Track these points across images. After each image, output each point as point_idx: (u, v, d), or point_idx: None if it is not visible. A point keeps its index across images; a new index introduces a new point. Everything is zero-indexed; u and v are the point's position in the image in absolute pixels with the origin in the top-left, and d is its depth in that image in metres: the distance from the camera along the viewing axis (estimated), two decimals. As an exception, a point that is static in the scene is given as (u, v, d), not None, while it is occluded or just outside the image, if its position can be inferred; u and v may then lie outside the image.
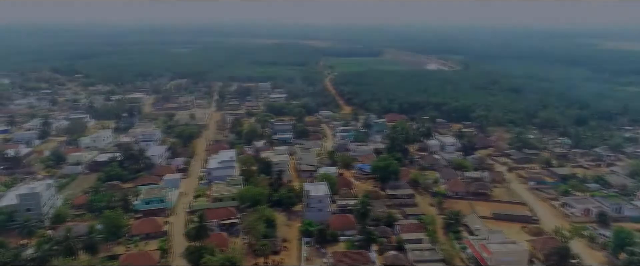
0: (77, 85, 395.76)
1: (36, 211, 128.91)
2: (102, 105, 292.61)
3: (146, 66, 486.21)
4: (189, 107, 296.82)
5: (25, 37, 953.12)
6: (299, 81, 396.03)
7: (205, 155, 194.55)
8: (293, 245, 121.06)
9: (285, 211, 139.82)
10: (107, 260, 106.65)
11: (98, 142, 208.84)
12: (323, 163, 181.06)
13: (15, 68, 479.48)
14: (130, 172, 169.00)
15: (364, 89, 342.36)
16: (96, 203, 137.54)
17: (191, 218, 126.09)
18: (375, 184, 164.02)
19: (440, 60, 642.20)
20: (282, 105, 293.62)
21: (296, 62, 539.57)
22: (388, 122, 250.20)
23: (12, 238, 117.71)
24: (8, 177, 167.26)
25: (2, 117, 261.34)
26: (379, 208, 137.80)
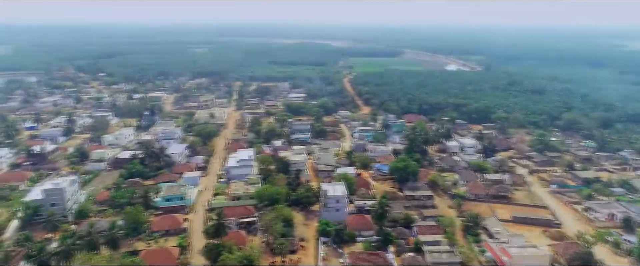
0: (100, 83, 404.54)
1: (61, 206, 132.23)
2: (124, 104, 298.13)
3: (167, 65, 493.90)
4: (208, 106, 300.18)
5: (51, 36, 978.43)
6: (318, 81, 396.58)
7: (225, 153, 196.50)
8: (310, 245, 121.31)
9: (303, 211, 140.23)
10: (128, 255, 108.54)
11: (120, 140, 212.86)
12: (341, 163, 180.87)
13: (42, 67, 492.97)
14: (151, 169, 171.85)
15: (383, 89, 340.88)
16: (118, 200, 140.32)
17: (210, 215, 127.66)
18: (393, 185, 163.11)
19: (460, 60, 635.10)
20: (300, 105, 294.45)
21: (315, 62, 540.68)
22: (407, 123, 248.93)
23: (38, 232, 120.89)
24: (34, 172, 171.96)
25: (29, 114, 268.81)
26: (397, 209, 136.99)
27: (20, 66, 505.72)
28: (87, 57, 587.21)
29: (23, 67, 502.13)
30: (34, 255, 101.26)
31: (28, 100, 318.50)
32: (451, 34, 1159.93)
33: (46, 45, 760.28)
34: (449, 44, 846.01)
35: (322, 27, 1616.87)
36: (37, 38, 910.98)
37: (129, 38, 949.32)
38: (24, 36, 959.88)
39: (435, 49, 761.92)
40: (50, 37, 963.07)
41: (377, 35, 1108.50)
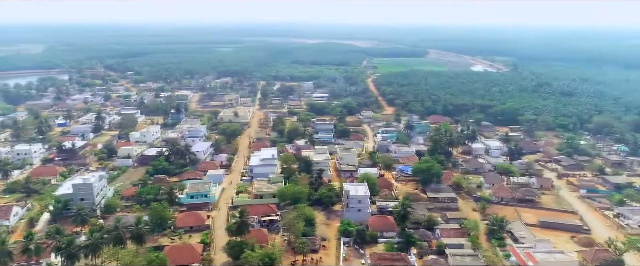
0: (128, 82, 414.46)
1: (89, 200, 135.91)
2: (151, 102, 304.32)
3: (193, 64, 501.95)
4: (233, 105, 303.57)
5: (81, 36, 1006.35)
6: (341, 81, 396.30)
7: (248, 152, 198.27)
8: (332, 245, 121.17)
9: (325, 211, 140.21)
10: (152, 250, 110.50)
11: (147, 137, 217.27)
12: (363, 164, 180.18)
13: (73, 65, 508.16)
14: (176, 166, 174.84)
15: (407, 90, 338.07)
16: (144, 196, 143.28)
17: (233, 213, 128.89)
18: (416, 186, 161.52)
19: (486, 61, 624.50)
20: (324, 105, 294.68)
21: (339, 62, 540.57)
22: (431, 124, 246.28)
23: (67, 225, 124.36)
24: (65, 167, 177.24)
25: (61, 111, 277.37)
26: (420, 211, 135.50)
27: (53, 64, 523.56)
28: (116, 56, 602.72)
29: (55, 65, 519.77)
30: (63, 247, 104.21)
31: (60, 97, 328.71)
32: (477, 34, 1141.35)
33: (76, 44, 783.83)
34: (474, 44, 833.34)
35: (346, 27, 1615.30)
36: (68, 37, 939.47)
37: (156, 37, 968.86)
38: (56, 35, 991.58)
39: (461, 50, 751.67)
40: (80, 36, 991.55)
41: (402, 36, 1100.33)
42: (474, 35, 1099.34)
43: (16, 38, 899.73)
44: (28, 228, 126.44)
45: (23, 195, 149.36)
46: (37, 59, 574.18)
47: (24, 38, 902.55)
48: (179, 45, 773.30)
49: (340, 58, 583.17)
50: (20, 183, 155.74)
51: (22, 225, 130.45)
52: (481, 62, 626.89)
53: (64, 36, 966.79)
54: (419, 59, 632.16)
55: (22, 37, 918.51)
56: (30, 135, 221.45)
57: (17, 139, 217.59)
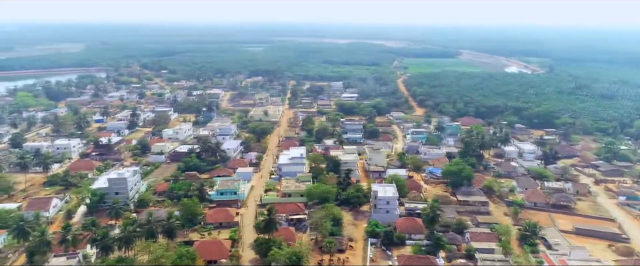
0: (162, 80, 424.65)
1: (123, 195, 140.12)
2: (184, 100, 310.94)
3: (225, 63, 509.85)
4: (263, 104, 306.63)
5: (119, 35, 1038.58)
6: (372, 81, 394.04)
7: (277, 151, 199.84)
8: (359, 245, 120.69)
9: (352, 211, 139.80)
10: (183, 244, 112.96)
11: (179, 134, 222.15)
12: (392, 165, 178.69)
13: (110, 64, 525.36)
14: (207, 163, 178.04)
15: (438, 91, 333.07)
16: (176, 191, 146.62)
17: (261, 211, 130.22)
18: (446, 189, 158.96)
19: (521, 62, 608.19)
20: (353, 105, 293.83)
21: (369, 62, 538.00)
22: (462, 126, 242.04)
23: (102, 218, 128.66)
24: (101, 162, 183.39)
25: (98, 108, 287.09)
26: (449, 214, 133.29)
27: (92, 63, 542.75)
28: (151, 54, 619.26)
29: (94, 63, 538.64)
30: (98, 239, 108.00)
31: (98, 94, 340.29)
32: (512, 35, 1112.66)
33: (114, 43, 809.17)
34: (509, 45, 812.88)
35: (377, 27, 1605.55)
36: (106, 36, 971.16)
37: (190, 37, 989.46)
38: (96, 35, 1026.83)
39: (495, 50, 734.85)
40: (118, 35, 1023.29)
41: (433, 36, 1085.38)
42: (508, 36, 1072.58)
43: (58, 37, 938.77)
44: (66, 219, 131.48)
45: (62, 188, 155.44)
46: (77, 57, 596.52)
47: (66, 37, 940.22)
48: (212, 45, 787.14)
49: (370, 58, 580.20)
50: (60, 177, 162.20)
51: (60, 217, 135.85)
52: (516, 63, 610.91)
53: (102, 35, 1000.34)
54: (451, 60, 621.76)
55: (64, 36, 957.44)
56: (69, 131, 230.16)
57: (57, 134, 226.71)
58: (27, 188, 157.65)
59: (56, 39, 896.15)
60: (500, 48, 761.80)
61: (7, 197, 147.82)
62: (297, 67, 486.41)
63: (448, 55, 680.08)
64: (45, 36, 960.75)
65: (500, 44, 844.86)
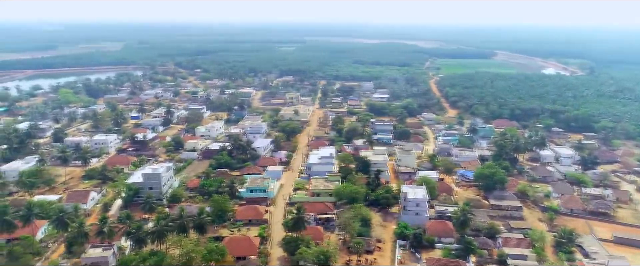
0: (196, 78, 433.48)
1: (157, 190, 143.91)
2: (216, 98, 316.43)
3: (256, 63, 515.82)
4: (293, 103, 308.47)
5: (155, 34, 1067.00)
6: (403, 81, 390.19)
7: (307, 150, 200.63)
8: (387, 247, 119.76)
9: (381, 212, 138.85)
10: (212, 240, 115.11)
11: (211, 132, 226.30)
12: (423, 167, 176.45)
13: (147, 62, 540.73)
14: (238, 161, 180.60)
15: (471, 92, 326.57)
16: (207, 188, 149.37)
17: (290, 209, 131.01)
18: (478, 192, 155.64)
19: (559, 64, 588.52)
20: (384, 105, 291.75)
21: (401, 63, 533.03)
22: (496, 128, 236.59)
23: (137, 212, 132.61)
24: (137, 157, 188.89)
25: (135, 105, 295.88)
26: (481, 218, 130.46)
27: (129, 61, 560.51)
28: (186, 53, 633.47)
29: (131, 62, 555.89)
30: (133, 232, 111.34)
31: (134, 92, 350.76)
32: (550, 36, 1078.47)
33: (151, 42, 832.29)
34: (547, 46, 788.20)
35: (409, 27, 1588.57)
36: (143, 36, 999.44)
37: (223, 36, 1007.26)
38: (133, 34, 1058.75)
39: (532, 51, 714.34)
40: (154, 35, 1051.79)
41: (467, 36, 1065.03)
42: (546, 37, 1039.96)
43: (99, 36, 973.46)
44: (103, 212, 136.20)
45: (99, 182, 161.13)
46: (115, 55, 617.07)
47: (106, 36, 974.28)
48: (245, 44, 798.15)
49: (402, 58, 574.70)
50: (97, 171, 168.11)
51: (97, 209, 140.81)
52: (554, 64, 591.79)
53: (140, 35, 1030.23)
54: (485, 61, 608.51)
55: (104, 36, 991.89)
56: (107, 127, 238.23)
57: (95, 129, 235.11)
58: (67, 181, 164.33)
59: (97, 38, 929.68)
60: (537, 49, 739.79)
61: (48, 189, 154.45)
62: (327, 67, 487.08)
63: (482, 56, 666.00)
64: (87, 35, 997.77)
65: (538, 44, 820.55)
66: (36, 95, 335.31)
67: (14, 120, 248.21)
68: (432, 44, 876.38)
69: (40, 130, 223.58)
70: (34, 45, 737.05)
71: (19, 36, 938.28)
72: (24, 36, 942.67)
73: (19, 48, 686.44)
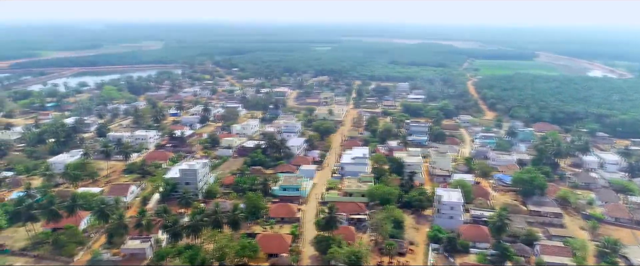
0: (233, 77, 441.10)
1: (193, 185, 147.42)
2: (252, 97, 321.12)
3: (292, 62, 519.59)
4: (328, 103, 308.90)
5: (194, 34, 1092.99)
6: (439, 82, 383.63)
7: (340, 150, 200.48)
8: (419, 249, 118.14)
9: (414, 214, 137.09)
10: (246, 236, 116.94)
11: (247, 130, 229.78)
12: (458, 170, 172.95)
13: (186, 61, 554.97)
14: (272, 159, 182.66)
15: (510, 94, 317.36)
16: (241, 185, 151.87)
17: (322, 208, 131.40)
18: (515, 198, 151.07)
19: (607, 66, 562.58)
20: (419, 106, 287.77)
21: (437, 63, 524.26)
22: (536, 132, 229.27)
23: (173, 206, 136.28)
24: (174, 153, 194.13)
25: (174, 102, 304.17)
26: (518, 224, 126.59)
27: (169, 60, 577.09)
28: (223, 53, 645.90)
29: (171, 60, 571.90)
30: (169, 225, 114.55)
31: (173, 89, 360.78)
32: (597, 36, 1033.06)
33: (190, 41, 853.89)
34: (593, 47, 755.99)
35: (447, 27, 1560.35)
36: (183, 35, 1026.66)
37: (260, 36, 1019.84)
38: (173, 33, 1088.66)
39: (576, 53, 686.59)
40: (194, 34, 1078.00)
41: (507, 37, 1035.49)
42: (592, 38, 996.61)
43: (140, 36, 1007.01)
44: (141, 205, 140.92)
45: (139, 176, 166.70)
46: (156, 54, 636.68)
47: (147, 35, 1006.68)
48: (281, 44, 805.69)
49: (439, 59, 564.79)
50: (137, 165, 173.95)
51: (136, 202, 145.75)
52: (600, 66, 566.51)
53: (179, 34, 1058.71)
54: (526, 62, 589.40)
55: (145, 35, 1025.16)
56: (147, 123, 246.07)
57: (136, 125, 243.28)
58: (109, 175, 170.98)
59: (138, 37, 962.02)
60: (582, 50, 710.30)
61: (92, 182, 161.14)
62: (362, 67, 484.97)
63: (523, 57, 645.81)
64: (129, 35, 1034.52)
65: (583, 45, 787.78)
66: (82, 92, 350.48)
67: (61, 115, 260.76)
68: (470, 44, 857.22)
69: (85, 125, 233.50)
70: (81, 44, 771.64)
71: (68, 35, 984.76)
72: (72, 35, 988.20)
73: (67, 46, 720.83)
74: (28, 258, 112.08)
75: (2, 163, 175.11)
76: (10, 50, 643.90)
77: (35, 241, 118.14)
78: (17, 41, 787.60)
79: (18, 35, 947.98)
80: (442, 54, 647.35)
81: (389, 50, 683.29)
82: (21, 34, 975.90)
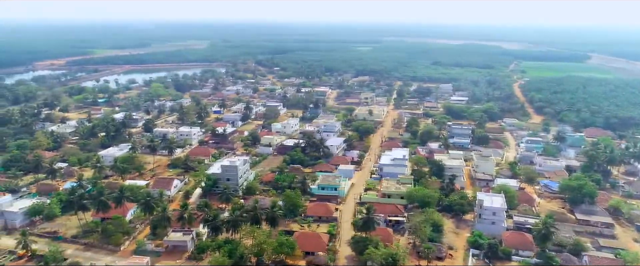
0: (274, 76, 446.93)
1: (234, 181, 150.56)
2: (293, 96, 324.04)
3: (333, 62, 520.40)
4: (368, 103, 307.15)
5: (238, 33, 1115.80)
6: (484, 84, 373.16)
7: (379, 150, 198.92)
8: (458, 255, 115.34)
9: (454, 218, 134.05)
10: (283, 233, 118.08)
11: (287, 129, 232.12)
12: (502, 174, 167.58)
13: (229, 60, 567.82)
14: (311, 158, 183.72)
15: (560, 97, 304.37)
16: (280, 182, 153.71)
17: (360, 209, 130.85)
18: (562, 205, 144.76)
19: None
20: (462, 109, 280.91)
21: (482, 65, 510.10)
22: (587, 137, 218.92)
23: (214, 201, 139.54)
24: (216, 149, 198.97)
25: (217, 100, 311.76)
26: (565, 233, 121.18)
27: (213, 59, 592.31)
28: (266, 52, 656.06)
29: (215, 59, 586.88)
30: (210, 220, 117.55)
31: (217, 87, 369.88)
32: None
33: (234, 41, 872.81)
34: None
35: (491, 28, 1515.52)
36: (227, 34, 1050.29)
37: (302, 36, 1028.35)
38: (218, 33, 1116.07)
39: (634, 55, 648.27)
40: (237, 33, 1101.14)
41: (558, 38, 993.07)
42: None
43: (187, 35, 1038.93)
44: (184, 199, 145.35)
45: (182, 171, 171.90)
46: (201, 53, 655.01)
47: (192, 35, 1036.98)
48: (323, 44, 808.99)
49: (484, 60, 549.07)
50: (181, 160, 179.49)
51: (179, 196, 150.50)
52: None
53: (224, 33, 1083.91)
54: (577, 64, 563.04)
55: (192, 34, 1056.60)
56: (191, 119, 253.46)
57: (181, 122, 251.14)
58: (154, 169, 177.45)
59: (184, 36, 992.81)
60: None
61: (138, 175, 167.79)
62: (404, 68, 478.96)
63: (574, 59, 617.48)
64: (177, 34, 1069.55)
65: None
66: (131, 89, 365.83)
67: (112, 110, 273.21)
68: (517, 45, 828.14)
69: (133, 121, 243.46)
70: (131, 42, 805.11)
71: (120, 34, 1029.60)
72: (124, 34, 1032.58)
73: (119, 45, 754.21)
74: (79, 245, 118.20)
75: (58, 155, 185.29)
76: (67, 48, 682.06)
77: (85, 229, 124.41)
78: (74, 40, 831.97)
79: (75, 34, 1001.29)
80: (488, 55, 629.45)
81: (431, 51, 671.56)
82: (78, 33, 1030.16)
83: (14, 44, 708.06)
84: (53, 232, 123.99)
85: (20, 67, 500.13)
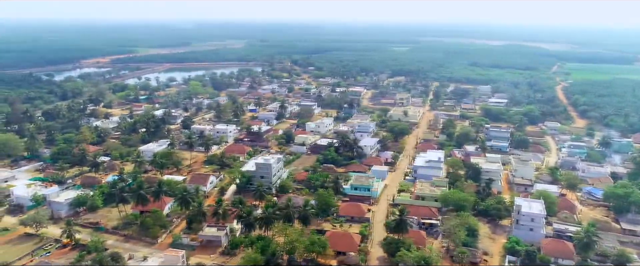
0: (309, 76, 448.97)
1: (267, 179, 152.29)
2: (327, 96, 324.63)
3: (368, 62, 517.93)
4: (403, 104, 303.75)
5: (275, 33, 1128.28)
6: (525, 86, 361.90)
7: (414, 152, 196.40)
8: (494, 261, 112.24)
9: (490, 223, 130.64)
10: (315, 232, 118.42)
11: (321, 128, 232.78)
12: (542, 179, 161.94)
13: (266, 59, 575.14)
14: (344, 158, 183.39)
15: (606, 101, 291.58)
16: (313, 181, 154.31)
17: (393, 210, 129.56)
18: (606, 214, 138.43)
19: None
20: (501, 111, 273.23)
21: (523, 66, 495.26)
22: (636, 143, 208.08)
23: (248, 198, 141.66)
24: (251, 147, 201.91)
25: (252, 99, 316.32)
26: (609, 243, 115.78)
27: (250, 58, 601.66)
28: (301, 52, 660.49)
29: (252, 58, 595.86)
30: (243, 216, 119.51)
31: (253, 86, 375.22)
32: None
33: (270, 40, 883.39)
34: None
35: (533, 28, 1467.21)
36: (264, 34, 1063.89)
37: (338, 36, 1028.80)
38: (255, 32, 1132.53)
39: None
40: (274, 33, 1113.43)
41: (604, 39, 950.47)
42: None
43: (225, 34, 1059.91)
44: (219, 195, 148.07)
45: (218, 167, 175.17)
46: (238, 52, 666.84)
47: (230, 34, 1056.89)
48: (359, 44, 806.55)
49: (525, 61, 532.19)
50: (217, 157, 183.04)
51: (215, 192, 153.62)
52: None
53: (261, 33, 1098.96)
54: (626, 67, 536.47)
55: (229, 34, 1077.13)
56: (227, 117, 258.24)
57: (218, 119, 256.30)
58: (191, 165, 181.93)
59: (222, 36, 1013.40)
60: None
61: (176, 170, 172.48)
62: (441, 68, 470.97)
63: (623, 61, 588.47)
64: (215, 33, 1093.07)
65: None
66: (171, 86, 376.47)
67: (152, 107, 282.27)
68: (561, 46, 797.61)
69: (172, 117, 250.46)
70: (172, 41, 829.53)
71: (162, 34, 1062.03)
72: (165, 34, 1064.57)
73: (160, 44, 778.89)
74: (118, 236, 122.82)
75: (101, 149, 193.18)
76: (112, 46, 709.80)
77: (125, 221, 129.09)
78: (118, 39, 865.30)
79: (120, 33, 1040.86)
80: (529, 56, 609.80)
81: (470, 52, 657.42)
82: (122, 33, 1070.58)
83: (62, 42, 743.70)
84: (95, 223, 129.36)
85: (69, 65, 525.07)
